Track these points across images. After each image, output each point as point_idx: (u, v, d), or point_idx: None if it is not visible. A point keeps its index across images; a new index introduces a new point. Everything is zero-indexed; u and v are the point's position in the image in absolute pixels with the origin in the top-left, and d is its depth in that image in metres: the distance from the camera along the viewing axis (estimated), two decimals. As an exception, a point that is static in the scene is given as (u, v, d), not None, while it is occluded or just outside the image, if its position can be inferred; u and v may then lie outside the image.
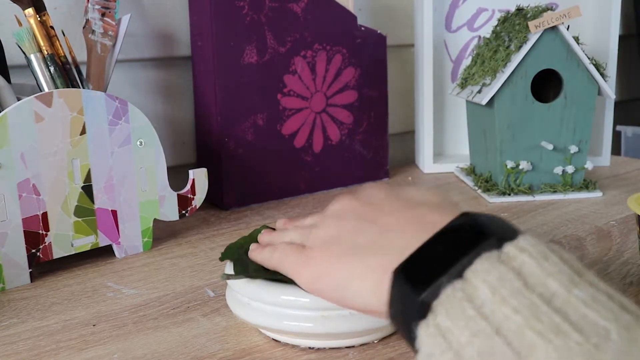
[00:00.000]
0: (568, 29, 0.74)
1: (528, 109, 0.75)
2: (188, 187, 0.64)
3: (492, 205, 0.74)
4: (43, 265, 0.58)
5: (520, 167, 0.76)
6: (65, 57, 0.60)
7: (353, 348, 0.42)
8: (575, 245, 0.60)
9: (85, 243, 0.58)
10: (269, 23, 0.75)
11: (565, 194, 0.76)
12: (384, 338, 0.43)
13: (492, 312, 0.25)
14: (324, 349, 0.41)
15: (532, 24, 0.72)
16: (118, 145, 0.59)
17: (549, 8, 0.75)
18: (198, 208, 0.66)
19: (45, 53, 0.58)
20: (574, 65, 0.75)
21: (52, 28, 0.60)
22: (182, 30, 0.80)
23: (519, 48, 0.74)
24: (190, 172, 0.64)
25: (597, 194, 0.76)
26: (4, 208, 0.53)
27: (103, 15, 0.63)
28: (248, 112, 0.76)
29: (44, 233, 0.55)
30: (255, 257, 0.43)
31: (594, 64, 0.75)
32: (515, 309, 0.25)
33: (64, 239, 0.57)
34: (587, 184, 0.78)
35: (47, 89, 0.58)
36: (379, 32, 0.85)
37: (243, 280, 0.41)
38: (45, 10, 0.60)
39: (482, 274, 0.27)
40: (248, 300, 0.41)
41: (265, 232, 0.46)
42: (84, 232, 0.58)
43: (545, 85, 0.79)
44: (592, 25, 0.95)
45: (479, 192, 0.79)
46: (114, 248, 0.61)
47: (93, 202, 0.58)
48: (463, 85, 0.84)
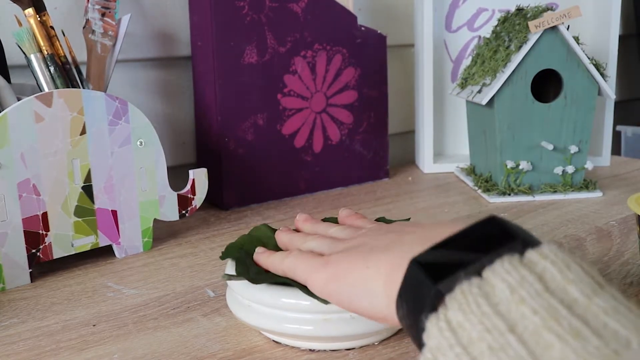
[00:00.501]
0: (568, 29, 0.74)
1: (528, 109, 0.75)
2: (188, 187, 0.64)
3: (492, 205, 0.74)
4: (43, 265, 0.58)
5: (520, 167, 0.76)
6: (65, 57, 0.60)
7: (353, 349, 0.42)
8: (575, 245, 0.60)
9: (85, 243, 0.58)
10: (269, 23, 0.75)
11: (566, 194, 0.76)
12: (384, 340, 0.43)
13: (508, 310, 0.25)
14: (325, 350, 0.41)
15: (532, 24, 0.72)
16: (118, 145, 0.59)
17: (549, 8, 0.75)
18: (198, 208, 0.66)
19: (45, 53, 0.58)
20: (574, 65, 0.75)
21: (52, 28, 0.60)
22: (182, 30, 0.80)
23: (519, 48, 0.74)
24: (190, 172, 0.64)
25: (597, 194, 0.76)
26: (4, 208, 0.53)
27: (103, 15, 0.63)
28: (248, 112, 0.76)
29: (44, 233, 0.55)
30: (263, 261, 0.42)
31: (594, 64, 0.75)
32: (534, 310, 0.24)
33: (64, 239, 0.57)
34: (587, 184, 0.78)
35: (47, 89, 0.58)
36: (379, 32, 0.85)
37: (244, 282, 0.41)
38: (45, 10, 0.60)
39: (501, 274, 0.26)
40: (249, 303, 0.41)
41: (284, 232, 0.46)
42: (84, 232, 0.58)
43: (545, 85, 0.79)
44: (592, 25, 0.95)
45: (479, 192, 0.79)
46: (114, 248, 0.61)
47: (93, 202, 0.58)
48: (463, 85, 0.84)
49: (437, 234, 0.32)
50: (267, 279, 0.41)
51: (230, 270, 0.43)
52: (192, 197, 0.65)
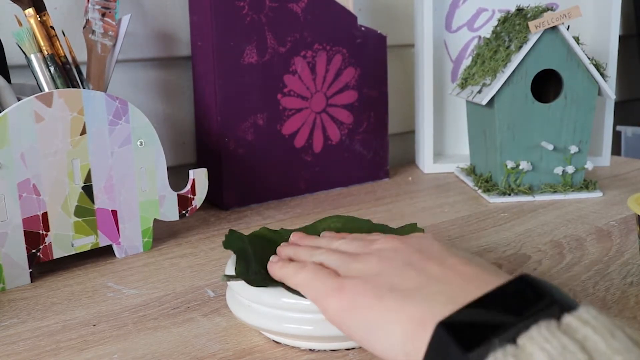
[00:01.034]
0: (568, 29, 0.74)
1: (528, 109, 0.75)
2: (188, 187, 0.64)
3: (492, 205, 0.74)
4: (43, 265, 0.58)
5: (520, 167, 0.76)
6: (66, 57, 0.60)
7: (353, 349, 0.42)
8: (575, 245, 0.60)
9: (86, 243, 0.58)
10: (269, 23, 0.75)
11: (566, 194, 0.76)
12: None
13: None
14: (325, 350, 0.41)
15: (532, 24, 0.72)
16: (118, 145, 0.59)
17: (549, 8, 0.75)
18: (198, 208, 0.66)
19: (46, 53, 0.58)
20: (574, 65, 0.75)
21: (52, 28, 0.60)
22: (182, 30, 0.80)
23: (519, 48, 0.74)
24: (190, 172, 0.64)
25: (597, 194, 0.76)
26: (4, 208, 0.53)
27: (103, 15, 0.63)
28: (248, 112, 0.76)
29: (44, 233, 0.55)
30: (276, 272, 0.40)
31: (594, 64, 0.75)
32: None
33: (64, 239, 0.57)
34: (587, 184, 0.78)
35: (47, 89, 0.58)
36: (379, 32, 0.85)
37: (243, 282, 0.41)
38: (46, 10, 0.60)
39: (539, 342, 0.24)
40: (249, 303, 0.41)
41: (287, 246, 0.43)
42: (84, 232, 0.58)
43: (545, 85, 0.79)
44: (592, 25, 0.95)
45: (479, 192, 0.79)
46: (114, 248, 0.61)
47: (93, 202, 0.58)
48: (463, 86, 0.84)
49: (462, 284, 0.30)
50: (265, 281, 0.41)
51: (230, 271, 0.43)
52: (192, 197, 0.65)
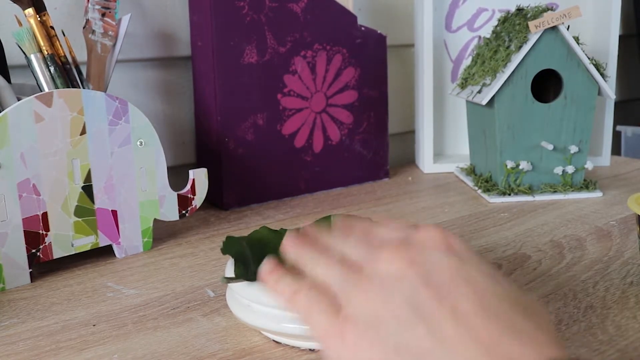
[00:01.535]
0: (568, 29, 0.74)
1: (528, 109, 0.75)
2: (188, 187, 0.64)
3: (492, 205, 0.74)
4: (43, 265, 0.58)
5: (520, 167, 0.76)
6: (65, 57, 0.60)
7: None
8: (575, 245, 0.60)
9: (85, 243, 0.58)
10: (269, 23, 0.75)
11: (566, 194, 0.76)
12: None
13: None
14: (324, 349, 0.41)
15: (532, 24, 0.72)
16: (118, 145, 0.59)
17: (549, 8, 0.75)
18: (198, 208, 0.66)
19: (45, 53, 0.58)
20: (574, 65, 0.75)
21: (52, 28, 0.60)
22: (182, 30, 0.80)
23: (519, 48, 0.74)
24: (190, 172, 0.64)
25: (597, 194, 0.76)
26: (4, 208, 0.53)
27: (103, 15, 0.63)
28: (248, 112, 0.76)
29: (44, 233, 0.55)
30: (271, 285, 0.36)
31: (594, 64, 0.75)
32: None
33: (64, 239, 0.57)
34: (587, 184, 0.78)
35: (47, 89, 0.58)
36: (379, 32, 0.85)
37: (243, 282, 0.41)
38: (45, 10, 0.60)
39: None
40: (248, 303, 0.41)
41: (291, 245, 0.36)
42: (84, 232, 0.58)
43: (545, 85, 0.79)
44: (592, 25, 0.95)
45: (479, 192, 0.79)
46: (114, 248, 0.61)
47: (93, 202, 0.58)
48: (463, 85, 0.84)
49: (479, 356, 0.25)
50: None
51: (229, 273, 0.43)
52: (192, 197, 0.65)
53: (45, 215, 0.55)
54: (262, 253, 0.45)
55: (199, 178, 0.65)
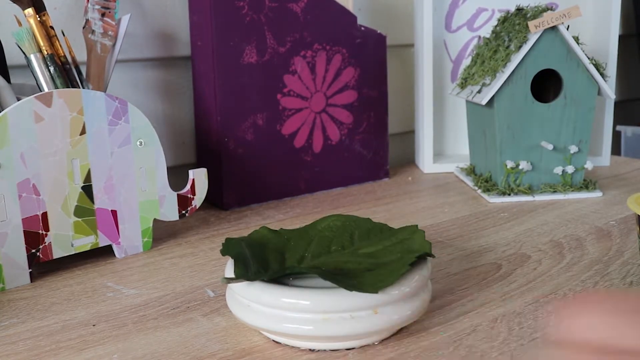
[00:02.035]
0: (568, 29, 0.74)
1: (528, 109, 0.75)
2: (188, 187, 0.64)
3: (492, 205, 0.74)
4: (43, 265, 0.58)
5: (520, 167, 0.76)
6: (65, 57, 0.60)
7: (353, 349, 0.42)
8: (575, 245, 0.60)
9: (85, 243, 0.58)
10: (269, 23, 0.75)
11: (565, 194, 0.76)
12: (384, 340, 0.43)
13: None
14: (325, 350, 0.41)
15: (532, 24, 0.72)
16: (118, 145, 0.59)
17: (549, 8, 0.75)
18: (198, 208, 0.66)
19: (45, 53, 0.58)
20: (574, 65, 0.75)
21: (52, 28, 0.60)
22: (182, 30, 0.80)
23: (519, 48, 0.74)
24: (190, 172, 0.64)
25: (597, 194, 0.76)
26: (4, 208, 0.53)
27: (103, 15, 0.63)
28: (248, 112, 0.76)
29: (44, 233, 0.55)
30: None
31: (594, 64, 0.75)
32: None
33: (64, 239, 0.57)
34: (587, 184, 0.78)
35: (47, 89, 0.58)
36: (379, 32, 0.85)
37: (243, 283, 0.41)
38: (45, 10, 0.60)
39: None
40: (248, 302, 0.41)
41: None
42: (84, 232, 0.58)
43: (545, 85, 0.79)
44: (592, 25, 0.95)
45: (479, 192, 0.79)
46: (114, 248, 0.61)
47: (93, 202, 0.58)
48: (463, 85, 0.84)
49: None
50: (266, 276, 0.41)
51: (230, 273, 0.43)
52: (192, 197, 0.65)
53: (45, 215, 0.55)
54: (262, 253, 0.45)
55: (199, 178, 0.65)
